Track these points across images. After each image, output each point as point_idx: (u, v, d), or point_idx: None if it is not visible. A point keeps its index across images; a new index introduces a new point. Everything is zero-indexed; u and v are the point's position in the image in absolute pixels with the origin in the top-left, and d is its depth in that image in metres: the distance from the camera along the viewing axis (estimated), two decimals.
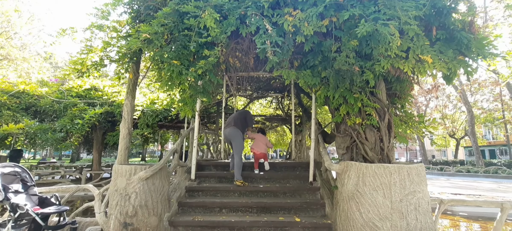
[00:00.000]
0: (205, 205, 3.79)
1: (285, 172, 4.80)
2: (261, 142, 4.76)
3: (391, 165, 2.76)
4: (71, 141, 11.53)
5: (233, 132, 4.39)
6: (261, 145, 4.73)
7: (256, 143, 4.77)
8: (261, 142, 4.78)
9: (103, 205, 3.47)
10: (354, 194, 2.88)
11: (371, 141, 3.27)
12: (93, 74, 4.06)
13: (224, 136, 4.72)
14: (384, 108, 3.39)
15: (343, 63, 2.95)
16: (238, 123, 4.49)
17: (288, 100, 11.08)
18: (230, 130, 4.44)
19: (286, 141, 15.51)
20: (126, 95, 3.90)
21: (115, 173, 3.28)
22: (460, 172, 17.25)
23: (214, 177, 4.54)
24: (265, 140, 4.88)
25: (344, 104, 3.33)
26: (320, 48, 3.34)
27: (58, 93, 9.04)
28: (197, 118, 4.34)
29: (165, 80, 3.12)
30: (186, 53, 3.12)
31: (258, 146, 4.71)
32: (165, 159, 3.49)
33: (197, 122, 4.35)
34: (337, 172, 3.19)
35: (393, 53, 2.95)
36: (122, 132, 3.79)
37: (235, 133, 4.38)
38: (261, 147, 4.69)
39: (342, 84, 3.20)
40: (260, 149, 4.67)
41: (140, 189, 3.18)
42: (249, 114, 4.86)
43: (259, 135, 4.91)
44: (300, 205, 3.72)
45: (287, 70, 3.45)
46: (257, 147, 4.69)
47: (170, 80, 3.11)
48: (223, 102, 8.14)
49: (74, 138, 11.41)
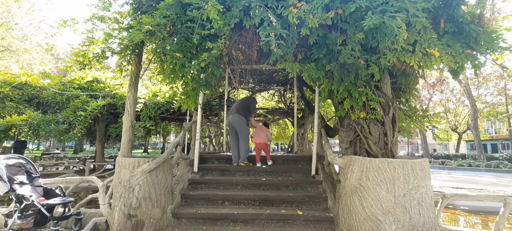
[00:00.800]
0: (208, 198, 3.82)
1: (288, 165, 4.81)
2: (262, 132, 4.81)
3: (395, 160, 2.74)
4: (74, 132, 11.61)
5: (236, 118, 4.42)
6: (262, 134, 4.78)
7: (257, 132, 4.82)
8: (262, 132, 4.83)
9: (107, 196, 3.50)
10: (357, 188, 2.88)
11: (375, 135, 3.25)
12: (95, 66, 4.04)
13: (228, 123, 4.78)
14: (388, 103, 3.35)
15: (348, 56, 2.91)
16: (240, 110, 4.51)
17: (290, 93, 11.04)
18: (233, 116, 4.46)
19: (288, 134, 15.53)
20: (128, 88, 3.88)
21: (119, 166, 3.30)
22: (461, 166, 17.26)
23: (216, 170, 4.56)
24: (266, 132, 4.94)
25: (348, 98, 3.29)
26: (325, 41, 3.29)
27: (60, 85, 9.05)
28: (200, 111, 4.33)
29: (168, 73, 3.10)
30: (189, 46, 3.08)
31: (259, 135, 4.77)
32: (168, 152, 3.50)
33: (200, 115, 4.34)
34: (340, 166, 3.19)
35: (400, 47, 2.90)
36: (125, 125, 3.79)
37: (238, 120, 4.41)
38: (261, 137, 4.75)
39: (347, 78, 3.16)
40: (261, 138, 4.72)
41: (143, 182, 3.19)
42: (252, 101, 4.84)
43: (261, 126, 4.94)
44: (302, 198, 3.74)
45: (291, 63, 3.40)
46: (258, 136, 4.74)
47: (172, 73, 3.08)
48: (225, 95, 8.12)
49: (77, 129, 11.49)
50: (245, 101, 4.74)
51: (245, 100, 4.82)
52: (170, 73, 3.11)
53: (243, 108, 4.60)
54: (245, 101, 4.76)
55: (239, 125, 4.44)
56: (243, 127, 4.44)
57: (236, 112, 4.52)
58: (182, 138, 4.22)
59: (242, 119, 4.48)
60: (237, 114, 4.50)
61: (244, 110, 4.59)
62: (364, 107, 3.29)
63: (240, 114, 4.50)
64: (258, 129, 4.88)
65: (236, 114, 4.50)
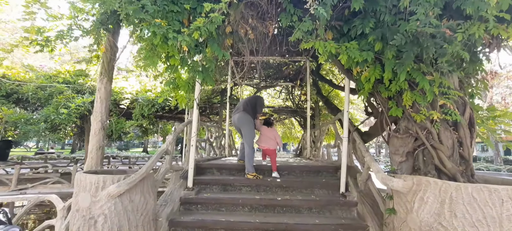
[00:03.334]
0: (206, 226, 2.82)
1: (307, 177, 3.80)
2: (269, 137, 4.02)
3: (501, 187, 1.72)
4: (67, 131, 10.64)
5: (242, 117, 3.91)
6: (269, 140, 4.00)
7: (263, 138, 4.04)
8: (269, 136, 4.02)
9: (65, 226, 2.52)
10: (434, 228, 1.86)
11: (446, 144, 2.23)
12: (60, 50, 3.06)
13: (233, 122, 4.22)
14: (464, 99, 2.33)
15: (421, 25, 1.88)
16: (248, 108, 3.99)
17: (299, 90, 9.98)
18: (239, 115, 3.95)
19: (294, 135, 14.51)
20: (99, 76, 2.88)
21: (78, 186, 2.30)
22: (479, 169, 16.15)
23: (217, 184, 3.56)
24: (273, 134, 4.05)
25: (408, 91, 2.27)
26: (373, 6, 2.27)
27: (43, 79, 8.09)
28: (196, 108, 3.33)
29: (145, 51, 2.09)
30: (177, 11, 2.07)
31: (266, 141, 4.00)
32: (149, 165, 2.50)
33: (196, 113, 3.34)
34: (398, 190, 2.17)
35: (492, 13, 1.92)
36: (94, 127, 2.80)
37: (244, 119, 3.89)
38: (269, 142, 3.97)
39: (408, 60, 2.14)
40: (269, 145, 3.96)
41: (110, 210, 2.20)
42: (260, 99, 4.26)
43: (264, 128, 4.14)
44: (335, 229, 2.74)
45: (323, 41, 2.39)
46: (265, 142, 4.00)
47: (151, 50, 2.07)
48: (228, 91, 7.10)
49: (69, 128, 10.52)
50: (252, 99, 4.19)
51: (253, 98, 4.28)
52: (148, 52, 2.10)
53: (251, 106, 4.03)
54: (252, 99, 4.21)
55: (245, 124, 3.90)
56: (248, 127, 3.89)
57: (243, 110, 3.96)
58: (171, 143, 3.22)
59: (249, 117, 3.93)
60: (243, 112, 3.93)
61: (252, 109, 4.04)
62: (431, 105, 2.27)
63: (246, 112, 3.95)
64: (264, 133, 4.10)
65: (242, 113, 3.93)
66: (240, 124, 3.92)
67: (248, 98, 4.28)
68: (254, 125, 3.98)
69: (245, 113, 3.90)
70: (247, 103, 4.02)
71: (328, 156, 4.99)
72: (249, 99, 4.18)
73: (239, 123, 3.92)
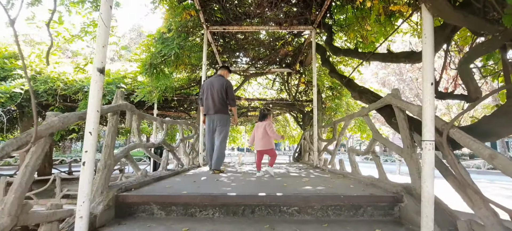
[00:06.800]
0: None
1: (338, 221, 1.96)
2: (264, 135, 3.32)
3: None
4: None
5: (222, 119, 3.57)
6: (265, 139, 3.32)
7: (259, 139, 3.34)
8: (265, 135, 3.32)
9: None
10: None
11: None
12: None
13: (208, 123, 3.67)
14: None
15: None
16: (223, 103, 3.55)
17: (296, 78, 8.14)
18: (219, 117, 3.55)
19: (289, 133, 12.74)
20: None
21: None
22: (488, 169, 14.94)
23: None
24: (269, 130, 3.32)
25: None
26: None
27: None
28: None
29: None
30: None
31: (264, 143, 3.33)
32: None
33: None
34: None
35: None
36: None
37: (224, 120, 3.58)
38: (261, 141, 3.32)
39: None
40: (266, 146, 3.33)
41: None
42: (230, 88, 3.64)
43: (261, 126, 3.36)
44: None
45: None
46: (257, 142, 3.39)
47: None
48: (203, 75, 5.14)
49: None
50: (220, 89, 3.53)
51: (219, 86, 3.54)
52: None
53: (222, 99, 3.53)
54: (219, 88, 3.53)
55: (225, 125, 3.61)
56: (228, 129, 3.68)
57: (218, 112, 3.52)
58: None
59: (228, 117, 3.66)
60: (221, 114, 3.54)
61: (225, 101, 3.58)
62: None
63: (222, 113, 3.55)
64: (256, 130, 3.43)
65: (219, 115, 3.53)
66: (221, 125, 3.56)
67: (213, 87, 3.53)
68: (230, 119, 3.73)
69: (224, 113, 3.57)
70: (216, 97, 3.49)
71: (354, 167, 3.19)
72: (216, 90, 3.51)
73: (220, 124, 3.56)
